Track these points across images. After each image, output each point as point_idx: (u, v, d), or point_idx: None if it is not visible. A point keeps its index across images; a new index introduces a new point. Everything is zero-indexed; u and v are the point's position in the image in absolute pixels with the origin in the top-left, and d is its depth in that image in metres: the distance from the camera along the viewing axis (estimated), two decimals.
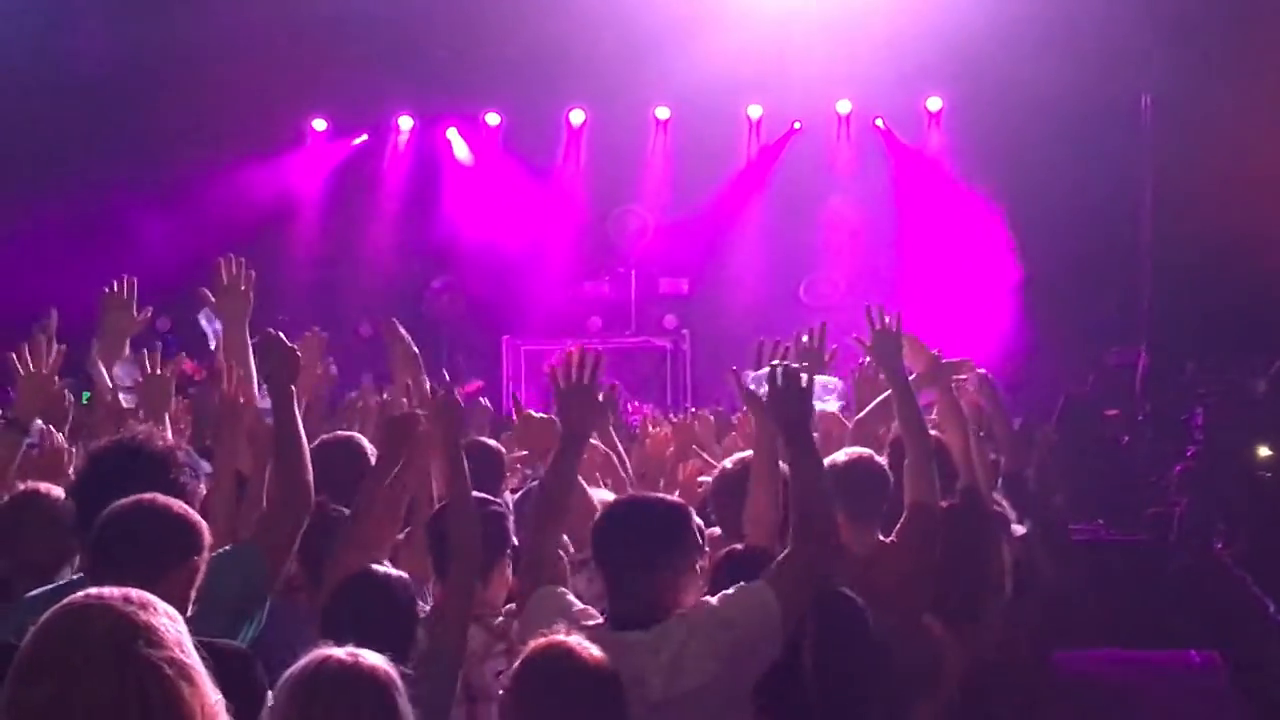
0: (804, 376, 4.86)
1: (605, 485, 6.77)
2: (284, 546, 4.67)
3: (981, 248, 18.17)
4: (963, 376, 7.30)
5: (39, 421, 5.51)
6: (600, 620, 4.47)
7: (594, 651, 3.86)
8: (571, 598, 4.64)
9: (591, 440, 5.82)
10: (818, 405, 5.30)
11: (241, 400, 5.67)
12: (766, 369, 4.98)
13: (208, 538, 4.01)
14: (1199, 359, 16.28)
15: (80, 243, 17.49)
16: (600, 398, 4.87)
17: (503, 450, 7.20)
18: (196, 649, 2.72)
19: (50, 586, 3.98)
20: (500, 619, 5.21)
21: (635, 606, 4.44)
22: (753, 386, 5.21)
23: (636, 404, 15.36)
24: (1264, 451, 13.73)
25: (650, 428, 8.71)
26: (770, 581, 4.54)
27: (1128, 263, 17.92)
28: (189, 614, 3.22)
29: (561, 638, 3.89)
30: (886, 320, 6.37)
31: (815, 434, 5.23)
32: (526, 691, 3.76)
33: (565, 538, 5.42)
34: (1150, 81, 17.37)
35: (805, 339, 6.46)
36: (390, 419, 5.15)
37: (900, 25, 17.10)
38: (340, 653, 3.21)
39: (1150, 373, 16.42)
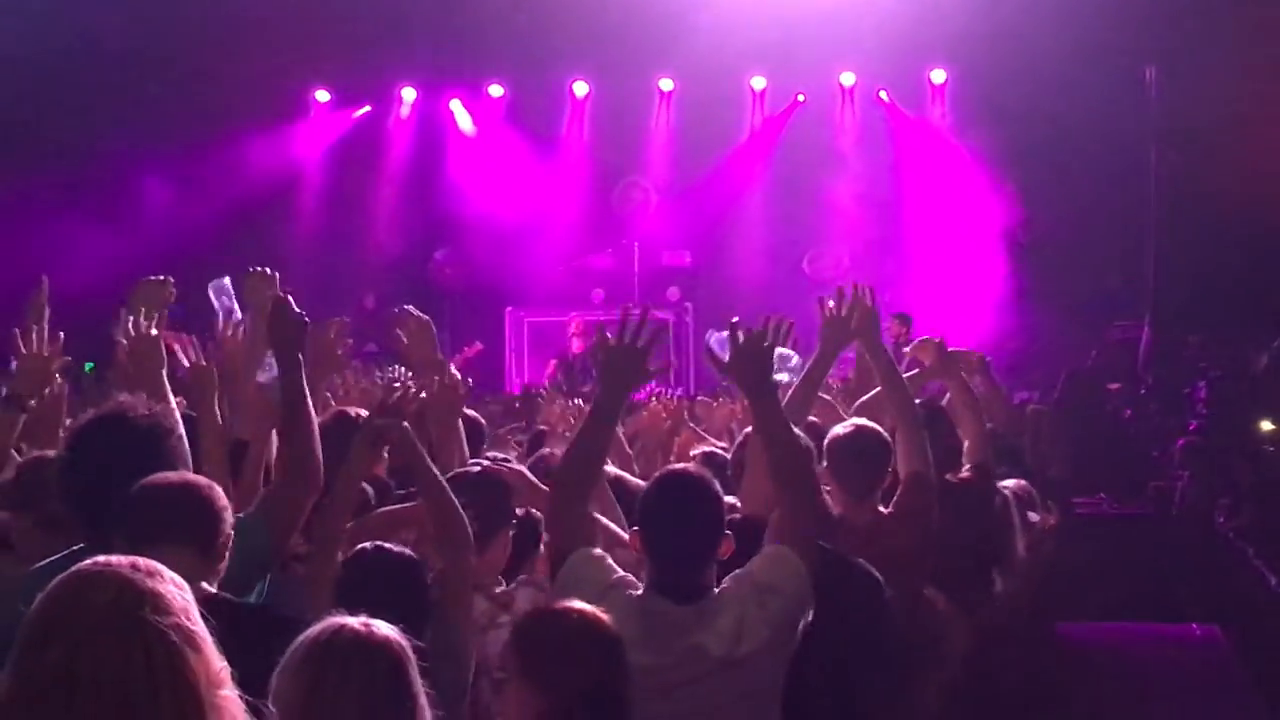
0: (765, 338, 4.86)
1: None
2: (291, 520, 4.64)
3: (984, 221, 18.17)
4: (971, 360, 7.38)
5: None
6: (640, 589, 4.47)
7: (593, 615, 3.84)
8: (610, 562, 4.56)
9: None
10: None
11: (213, 368, 5.68)
12: (727, 331, 4.96)
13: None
14: (1202, 333, 16.30)
15: (84, 213, 17.52)
16: (647, 365, 4.81)
17: (481, 420, 7.22)
18: (220, 605, 2.73)
19: (57, 556, 3.98)
20: (502, 588, 5.16)
21: (681, 578, 4.44)
22: (715, 348, 5.19)
23: None
24: (1266, 425, 13.76)
25: (654, 402, 8.67)
26: (787, 543, 4.57)
27: (1131, 237, 17.92)
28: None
29: (559, 605, 3.88)
30: (860, 295, 6.34)
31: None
32: (525, 657, 3.74)
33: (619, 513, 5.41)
34: (1154, 53, 17.35)
35: (831, 304, 6.42)
36: (368, 423, 5.03)
37: None
38: (355, 622, 3.20)
39: (1153, 347, 16.44)
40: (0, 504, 5.04)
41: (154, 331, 5.47)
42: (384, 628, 3.21)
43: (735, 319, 4.99)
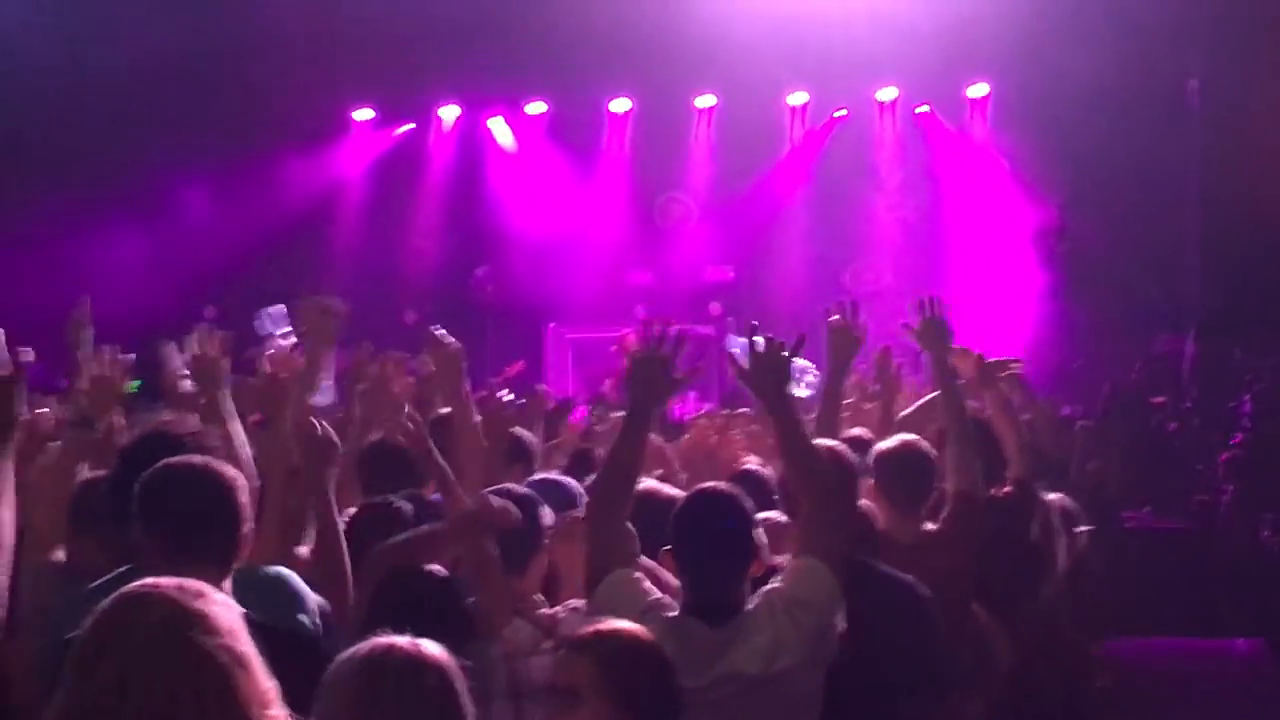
0: (783, 348, 4.87)
1: (654, 475, 6.71)
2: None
3: (1026, 235, 18.11)
4: (1012, 370, 7.36)
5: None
6: (677, 610, 4.48)
7: (645, 634, 3.85)
8: (648, 584, 4.58)
9: None
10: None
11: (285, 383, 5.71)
12: (746, 338, 4.98)
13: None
14: (1246, 346, 16.20)
15: (126, 230, 17.64)
16: (674, 376, 4.81)
17: (529, 439, 7.17)
18: (258, 630, 2.75)
19: (106, 578, 4.01)
20: (546, 611, 5.08)
21: (714, 597, 4.46)
22: (736, 352, 5.20)
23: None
24: None
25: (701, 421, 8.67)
26: (812, 554, 4.57)
27: (1175, 250, 17.84)
28: None
29: (623, 625, 3.88)
30: (936, 309, 6.40)
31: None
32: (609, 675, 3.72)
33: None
34: (1197, 66, 17.29)
35: (836, 317, 6.51)
36: (311, 438, 4.98)
37: (943, 12, 17.05)
38: (404, 641, 3.20)
39: (1198, 360, 16.36)
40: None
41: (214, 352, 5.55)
42: (433, 647, 3.22)
43: (755, 323, 5.02)
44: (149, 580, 2.80)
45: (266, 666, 2.79)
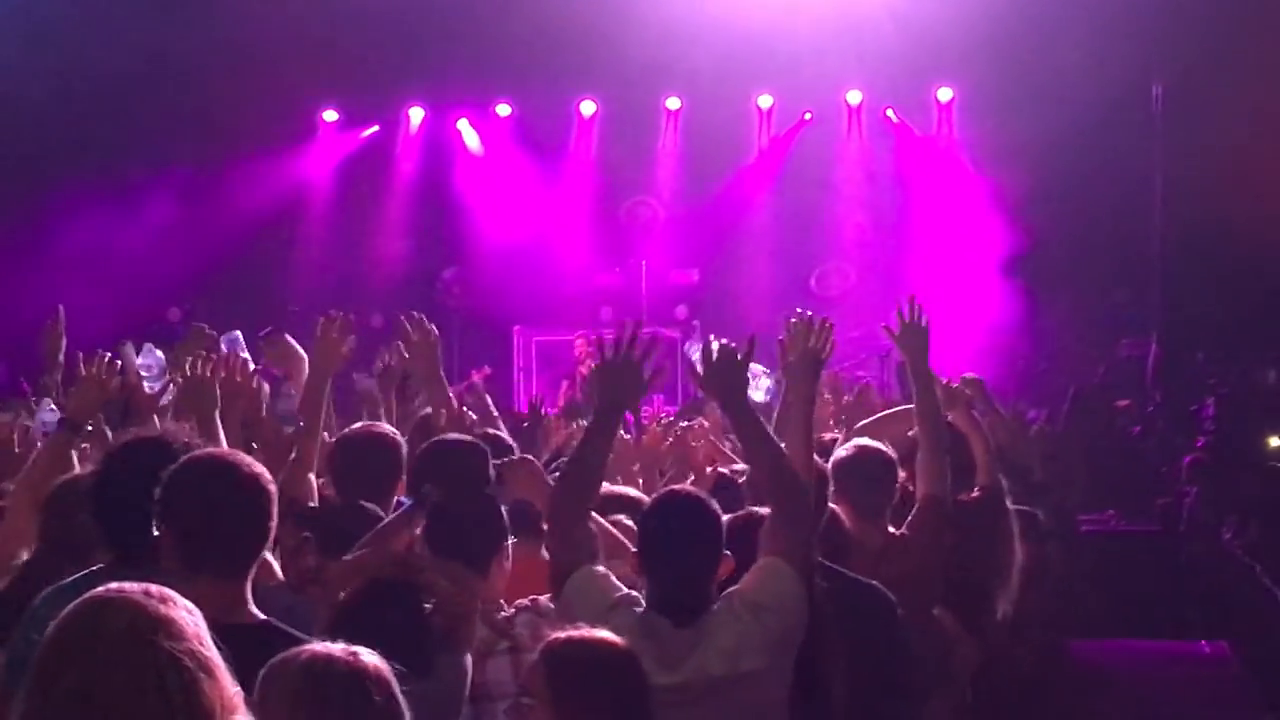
0: (735, 353, 4.89)
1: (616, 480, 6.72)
2: None
3: (991, 239, 18.18)
4: (970, 391, 7.39)
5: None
6: (643, 606, 4.50)
7: (617, 642, 3.86)
8: (614, 579, 4.59)
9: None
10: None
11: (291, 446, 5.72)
12: (700, 343, 5.02)
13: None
14: (1210, 349, 16.30)
15: (93, 236, 17.55)
16: (644, 377, 4.84)
17: (508, 440, 7.16)
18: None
19: (71, 579, 3.99)
20: (503, 613, 5.06)
21: (681, 598, 4.47)
22: (695, 358, 5.23)
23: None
24: (1275, 442, 13.76)
25: (656, 425, 8.64)
26: (778, 555, 4.58)
27: (1138, 254, 17.93)
28: None
29: (585, 632, 3.88)
30: (916, 313, 6.41)
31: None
32: (557, 684, 3.73)
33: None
34: (1161, 71, 17.37)
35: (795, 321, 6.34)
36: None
37: (910, 15, 17.13)
38: (339, 650, 3.18)
39: (1161, 363, 16.44)
40: None
41: (207, 373, 5.55)
42: (368, 655, 3.20)
43: (710, 336, 5.05)
44: (114, 585, 2.79)
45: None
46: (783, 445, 4.92)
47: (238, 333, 6.45)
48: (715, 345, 4.92)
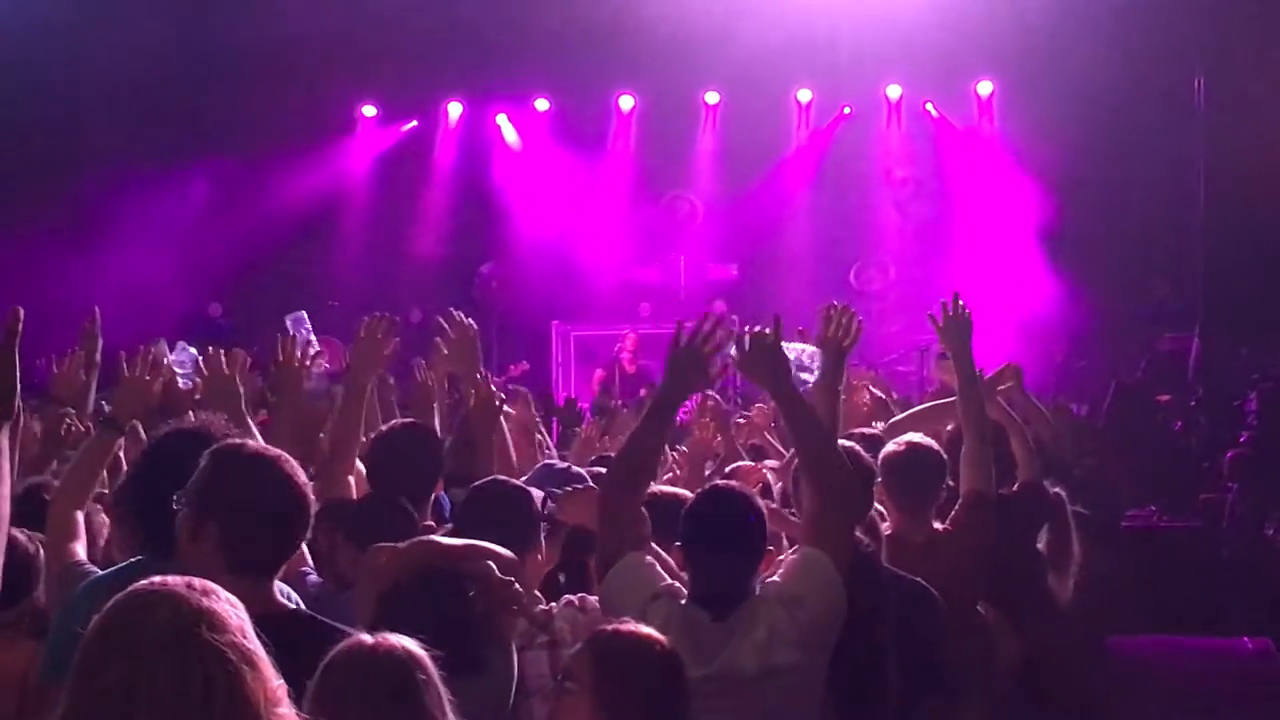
0: (768, 336, 4.87)
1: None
2: None
3: (1032, 233, 18.10)
4: (1008, 384, 7.35)
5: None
6: (685, 597, 4.48)
7: (664, 642, 3.84)
8: (659, 569, 4.59)
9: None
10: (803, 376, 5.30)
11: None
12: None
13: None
14: (1252, 344, 16.18)
15: (133, 229, 17.63)
16: (710, 371, 4.83)
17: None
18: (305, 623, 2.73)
19: (112, 570, 4.00)
20: (541, 606, 4.99)
21: (721, 590, 4.46)
22: (731, 350, 5.20)
23: None
24: None
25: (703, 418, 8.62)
26: (817, 545, 4.56)
27: (1180, 248, 17.80)
28: None
29: (635, 627, 3.87)
30: (960, 307, 6.39)
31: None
32: (600, 674, 3.72)
33: None
34: (1202, 64, 17.25)
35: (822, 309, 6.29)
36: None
37: (950, 8, 17.07)
38: (370, 639, 3.21)
39: (1203, 358, 16.32)
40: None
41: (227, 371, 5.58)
42: (395, 638, 3.22)
43: (746, 327, 5.04)
44: (157, 578, 2.78)
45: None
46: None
47: (302, 312, 6.41)
48: (748, 335, 4.91)
